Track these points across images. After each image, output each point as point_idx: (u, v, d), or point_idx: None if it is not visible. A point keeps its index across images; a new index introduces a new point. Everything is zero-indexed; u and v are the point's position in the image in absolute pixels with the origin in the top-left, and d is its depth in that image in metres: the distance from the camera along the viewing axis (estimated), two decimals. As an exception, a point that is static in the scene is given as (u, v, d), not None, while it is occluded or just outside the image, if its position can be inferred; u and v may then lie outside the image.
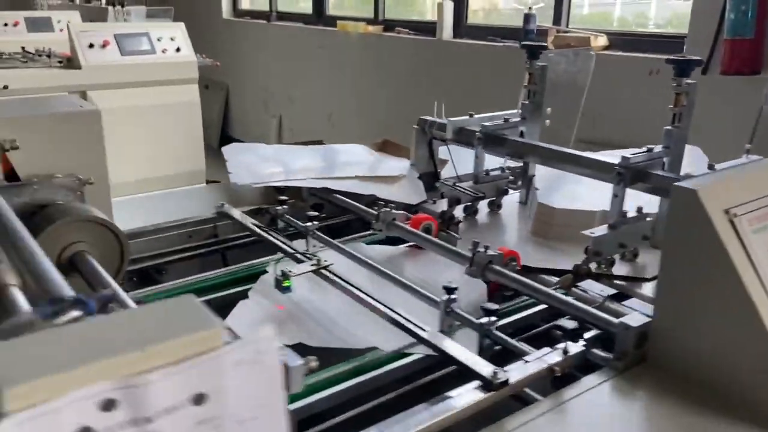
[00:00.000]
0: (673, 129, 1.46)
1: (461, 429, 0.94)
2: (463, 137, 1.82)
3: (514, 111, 1.91)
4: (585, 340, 1.07)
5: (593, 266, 1.38)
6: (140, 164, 4.70)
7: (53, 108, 1.42)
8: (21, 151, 1.31)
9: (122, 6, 5.47)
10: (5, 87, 4.39)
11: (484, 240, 1.64)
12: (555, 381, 1.02)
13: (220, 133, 7.79)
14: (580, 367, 1.06)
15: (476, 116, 1.87)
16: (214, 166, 5.27)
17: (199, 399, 0.52)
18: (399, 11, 5.77)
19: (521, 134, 1.81)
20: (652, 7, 4.80)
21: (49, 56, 4.94)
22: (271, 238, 1.48)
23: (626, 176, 1.38)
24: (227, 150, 2.10)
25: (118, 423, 0.49)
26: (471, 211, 1.79)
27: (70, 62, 4.74)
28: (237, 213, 1.63)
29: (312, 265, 1.30)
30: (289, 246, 1.44)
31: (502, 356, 1.08)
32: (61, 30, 6.71)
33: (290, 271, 1.25)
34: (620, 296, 1.36)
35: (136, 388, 0.49)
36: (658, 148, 1.45)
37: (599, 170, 1.47)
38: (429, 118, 1.97)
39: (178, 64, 5.00)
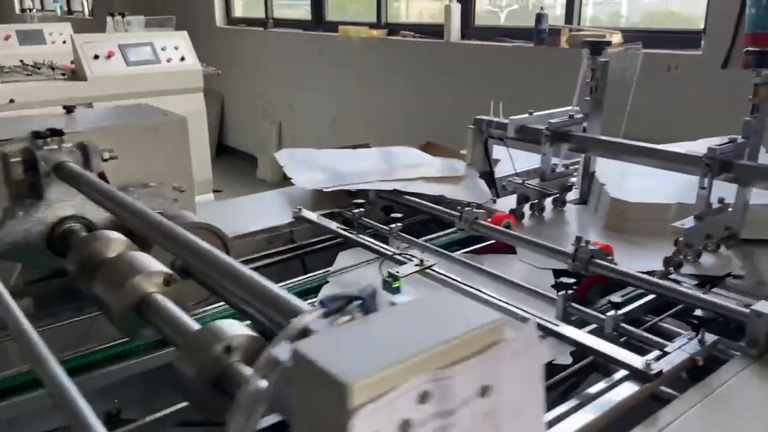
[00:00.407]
0: (752, 120, 1.49)
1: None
2: (527, 135, 1.83)
3: (568, 108, 1.93)
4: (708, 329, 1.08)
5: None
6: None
7: (140, 117, 1.41)
8: (114, 160, 1.30)
9: (122, 16, 5.42)
10: (11, 101, 4.34)
11: (559, 236, 1.66)
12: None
13: (217, 142, 7.75)
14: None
15: (535, 114, 1.88)
16: (214, 176, 5.25)
17: (484, 391, 0.52)
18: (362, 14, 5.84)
19: (583, 130, 1.82)
20: (624, 6, 4.89)
21: (52, 68, 4.88)
22: (363, 241, 1.47)
23: (714, 167, 1.40)
24: (280, 156, 2.10)
25: (429, 415, 0.49)
26: (538, 208, 1.80)
27: (75, 74, 4.69)
28: (316, 217, 1.62)
29: (416, 265, 1.30)
30: (382, 248, 1.43)
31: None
32: (53, 42, 6.66)
33: (397, 272, 1.25)
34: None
35: (446, 380, 0.49)
36: (739, 139, 1.48)
37: (683, 163, 1.49)
38: (485, 117, 1.98)
39: (183, 73, 4.97)
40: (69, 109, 1.41)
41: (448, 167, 1.98)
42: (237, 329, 0.78)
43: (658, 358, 0.99)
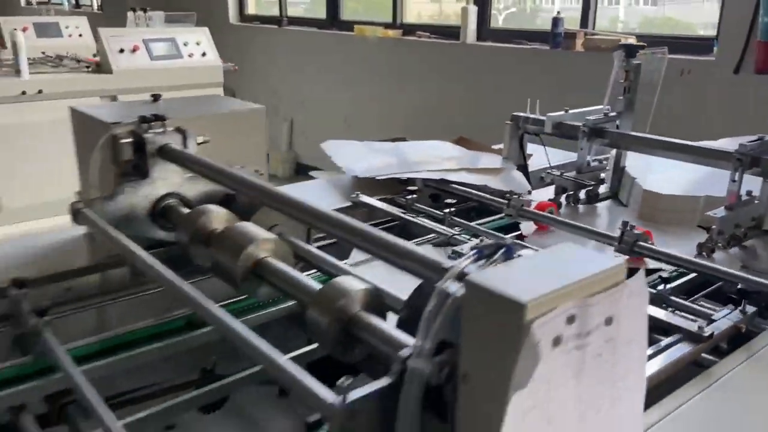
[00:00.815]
0: (778, 120, 1.62)
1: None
2: (563, 131, 1.97)
3: (601, 107, 2.07)
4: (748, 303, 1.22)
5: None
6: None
7: (224, 106, 1.54)
8: (204, 145, 1.43)
9: (144, 12, 5.53)
10: (40, 92, 4.45)
11: (595, 224, 1.79)
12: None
13: (228, 137, 7.86)
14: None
15: (571, 111, 2.01)
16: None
17: (609, 321, 0.66)
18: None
19: (616, 127, 1.96)
20: (621, 11, 5.04)
21: (77, 61, 5.00)
22: (422, 223, 1.61)
23: (745, 162, 1.54)
24: (326, 146, 2.22)
25: (572, 335, 0.62)
26: (574, 199, 1.93)
27: (100, 67, 4.80)
28: (374, 201, 1.75)
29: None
30: (443, 230, 1.57)
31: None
32: (70, 36, 6.76)
33: (461, 250, 1.38)
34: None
35: (588, 307, 0.62)
36: (766, 137, 1.61)
37: (715, 158, 1.63)
38: (522, 114, 2.11)
39: (205, 69, 5.10)
40: (155, 98, 1.54)
41: (488, 160, 2.11)
42: (357, 284, 0.91)
43: (706, 325, 1.13)
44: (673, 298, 1.24)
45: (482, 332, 0.61)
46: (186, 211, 1.29)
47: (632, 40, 3.90)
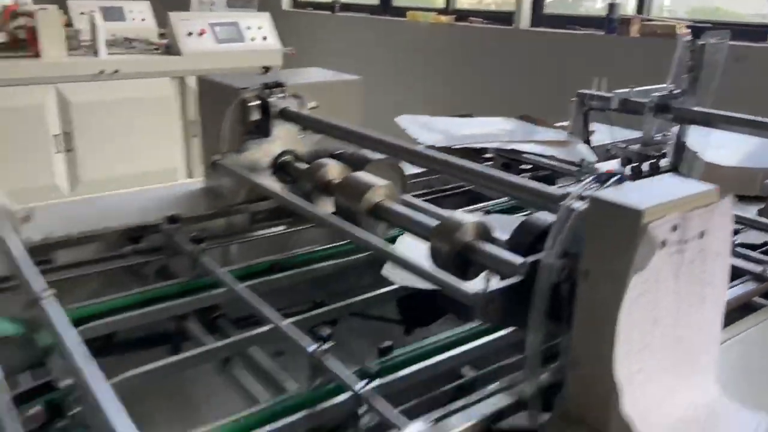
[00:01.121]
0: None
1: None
2: (629, 107, 2.10)
3: (664, 85, 2.19)
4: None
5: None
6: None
7: (326, 76, 1.72)
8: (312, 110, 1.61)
9: (208, -4, 5.77)
10: (116, 71, 4.72)
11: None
12: None
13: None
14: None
15: (635, 89, 2.15)
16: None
17: (702, 234, 0.81)
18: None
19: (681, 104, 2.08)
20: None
21: (149, 43, 5.26)
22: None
23: (804, 135, 1.67)
24: (400, 120, 2.41)
25: (674, 241, 0.78)
26: (637, 171, 2.07)
27: (169, 49, 5.05)
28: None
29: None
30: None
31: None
32: (133, 19, 7.03)
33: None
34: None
35: (687, 220, 0.78)
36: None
37: (776, 130, 1.76)
38: (587, 91, 2.25)
39: (266, 52, 5.29)
40: (267, 69, 1.73)
41: (553, 134, 2.26)
42: (468, 218, 1.08)
43: (768, 270, 1.27)
44: (737, 249, 1.38)
45: (604, 236, 0.77)
46: (303, 165, 1.48)
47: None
